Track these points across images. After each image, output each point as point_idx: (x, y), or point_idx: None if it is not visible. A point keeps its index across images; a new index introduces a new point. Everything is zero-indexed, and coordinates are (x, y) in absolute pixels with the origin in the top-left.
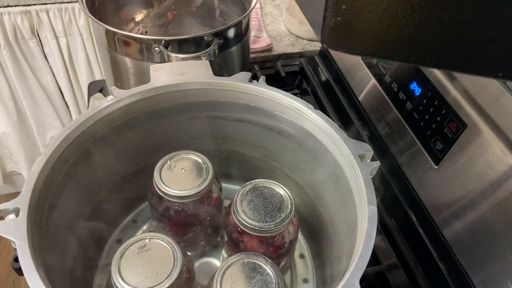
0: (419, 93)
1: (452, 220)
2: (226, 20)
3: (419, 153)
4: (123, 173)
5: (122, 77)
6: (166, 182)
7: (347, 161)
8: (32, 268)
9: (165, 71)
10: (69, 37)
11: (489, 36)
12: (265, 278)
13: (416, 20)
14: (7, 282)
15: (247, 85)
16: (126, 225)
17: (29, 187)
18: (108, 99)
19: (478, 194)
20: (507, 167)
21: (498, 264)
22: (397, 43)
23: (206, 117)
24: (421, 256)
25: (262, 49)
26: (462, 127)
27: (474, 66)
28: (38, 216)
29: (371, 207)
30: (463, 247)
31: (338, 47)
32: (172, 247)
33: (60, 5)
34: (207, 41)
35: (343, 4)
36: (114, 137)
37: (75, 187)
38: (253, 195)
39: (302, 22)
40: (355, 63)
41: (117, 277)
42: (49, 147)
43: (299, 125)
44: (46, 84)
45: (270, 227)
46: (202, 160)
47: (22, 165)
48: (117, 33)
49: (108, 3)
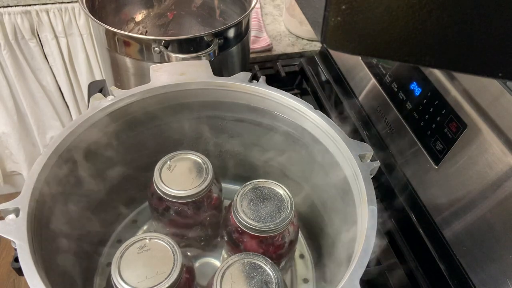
0: (419, 93)
1: (452, 220)
2: (226, 20)
3: (419, 153)
4: (123, 173)
5: (122, 77)
6: (166, 182)
7: (347, 161)
8: (32, 268)
9: (165, 71)
10: (69, 37)
11: (489, 36)
12: (265, 278)
13: (416, 20)
14: (7, 282)
15: (247, 85)
16: (126, 225)
17: (29, 187)
18: (108, 99)
19: (478, 194)
20: (507, 167)
21: (498, 264)
22: (397, 43)
23: (206, 117)
24: (421, 256)
25: (262, 49)
26: (462, 127)
27: (474, 66)
28: (38, 216)
29: (371, 207)
30: (463, 247)
31: (338, 47)
32: (172, 247)
33: (60, 5)
34: (207, 41)
35: (343, 4)
36: (114, 137)
37: (75, 187)
38: (253, 195)
39: (302, 22)
40: (355, 63)
41: (117, 277)
42: (49, 147)
43: (299, 125)
44: (46, 84)
45: (270, 227)
46: (202, 160)
47: (22, 165)
48: (117, 33)
49: (108, 3)
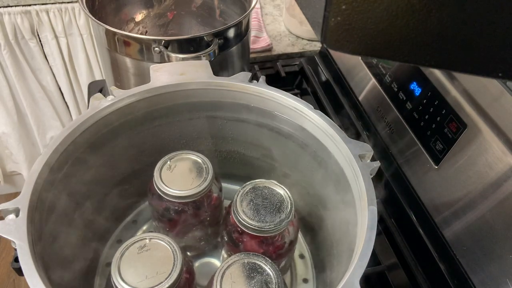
0: (419, 93)
1: (452, 220)
2: (226, 20)
3: (419, 153)
4: (123, 173)
5: (122, 77)
6: (166, 182)
7: (347, 161)
8: (32, 268)
9: (165, 71)
10: (69, 37)
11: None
12: (265, 278)
13: (416, 20)
14: (7, 282)
15: (247, 85)
16: (126, 225)
17: (29, 187)
18: (108, 99)
19: (478, 194)
20: (507, 167)
21: (498, 264)
22: (397, 43)
23: (206, 117)
24: (421, 256)
25: (262, 49)
26: (462, 127)
27: (474, 66)
28: (38, 216)
29: (371, 207)
30: (463, 247)
31: (338, 47)
32: (172, 247)
33: (60, 5)
34: (207, 41)
35: (343, 4)
36: (114, 137)
37: (75, 187)
38: (253, 195)
39: (302, 22)
40: (355, 63)
41: (117, 277)
42: (49, 147)
43: (299, 125)
44: (46, 84)
45: (270, 227)
46: (202, 160)
47: (22, 165)
48: (117, 33)
49: (108, 3)
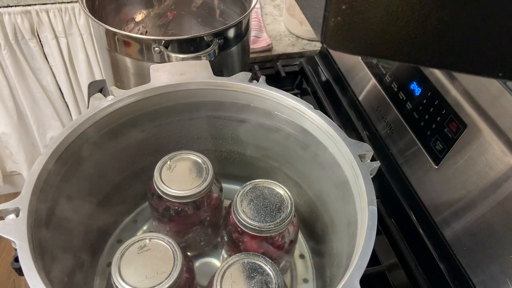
0: (419, 93)
1: (452, 220)
2: (226, 20)
3: (419, 153)
4: (123, 173)
5: (122, 77)
6: (166, 182)
7: (347, 161)
8: (32, 268)
9: (165, 71)
10: (69, 37)
11: (489, 36)
12: (265, 278)
13: (416, 20)
14: (7, 282)
15: (247, 85)
16: (126, 225)
17: (29, 187)
18: (108, 99)
19: (478, 194)
20: (507, 167)
21: (498, 264)
22: (397, 43)
23: (206, 117)
24: (421, 256)
25: (262, 49)
26: (462, 127)
27: (474, 66)
28: (38, 216)
29: (371, 207)
30: (463, 247)
31: (338, 47)
32: (172, 247)
33: (60, 5)
34: (207, 41)
35: (343, 4)
36: (114, 137)
37: (75, 187)
38: (253, 195)
39: (302, 22)
40: (355, 63)
41: (117, 277)
42: (49, 147)
43: (299, 125)
44: (46, 84)
45: (270, 227)
46: (202, 160)
47: (22, 165)
48: (117, 33)
49: (108, 3)
